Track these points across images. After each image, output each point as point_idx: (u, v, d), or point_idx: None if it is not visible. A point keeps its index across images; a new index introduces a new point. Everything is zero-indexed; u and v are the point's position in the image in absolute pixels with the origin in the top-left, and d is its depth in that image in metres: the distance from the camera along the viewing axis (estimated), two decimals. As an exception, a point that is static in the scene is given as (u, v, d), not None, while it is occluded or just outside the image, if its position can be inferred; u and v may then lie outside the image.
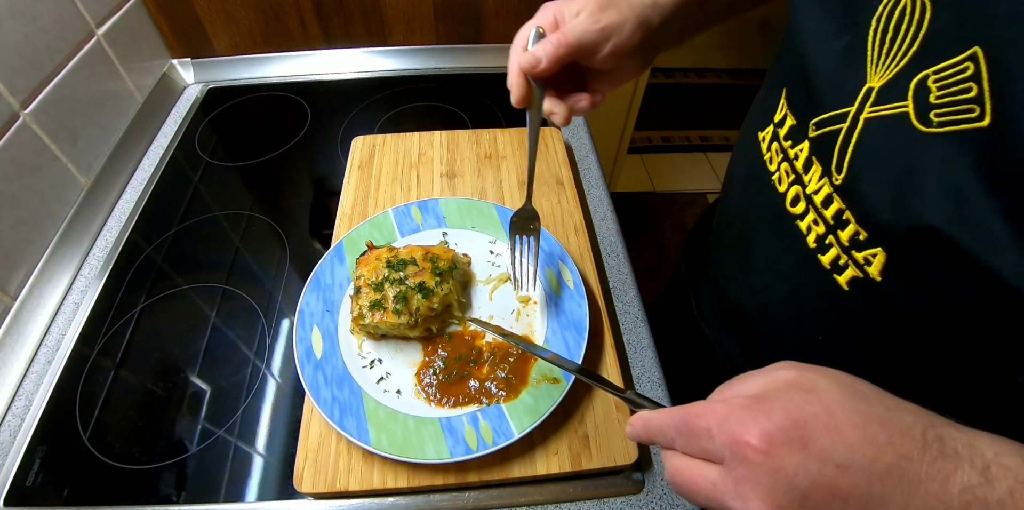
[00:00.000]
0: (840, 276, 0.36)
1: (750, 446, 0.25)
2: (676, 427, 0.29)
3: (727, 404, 0.27)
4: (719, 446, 0.26)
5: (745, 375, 0.31)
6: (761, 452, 0.25)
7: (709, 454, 0.27)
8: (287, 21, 0.89)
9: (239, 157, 0.80)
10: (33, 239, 0.63)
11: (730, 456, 0.26)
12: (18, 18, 0.61)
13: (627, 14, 0.45)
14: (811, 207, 0.37)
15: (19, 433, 0.53)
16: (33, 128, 0.62)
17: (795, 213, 0.39)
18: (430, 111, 0.88)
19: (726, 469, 0.26)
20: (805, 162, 0.38)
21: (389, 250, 0.55)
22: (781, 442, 0.25)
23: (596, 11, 0.45)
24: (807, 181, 0.37)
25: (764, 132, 0.43)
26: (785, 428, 0.25)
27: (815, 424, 0.25)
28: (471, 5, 0.89)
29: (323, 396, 0.48)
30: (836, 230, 0.35)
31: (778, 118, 0.41)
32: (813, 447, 0.24)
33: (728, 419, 0.27)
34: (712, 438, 0.27)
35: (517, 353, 0.51)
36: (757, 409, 0.26)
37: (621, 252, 0.67)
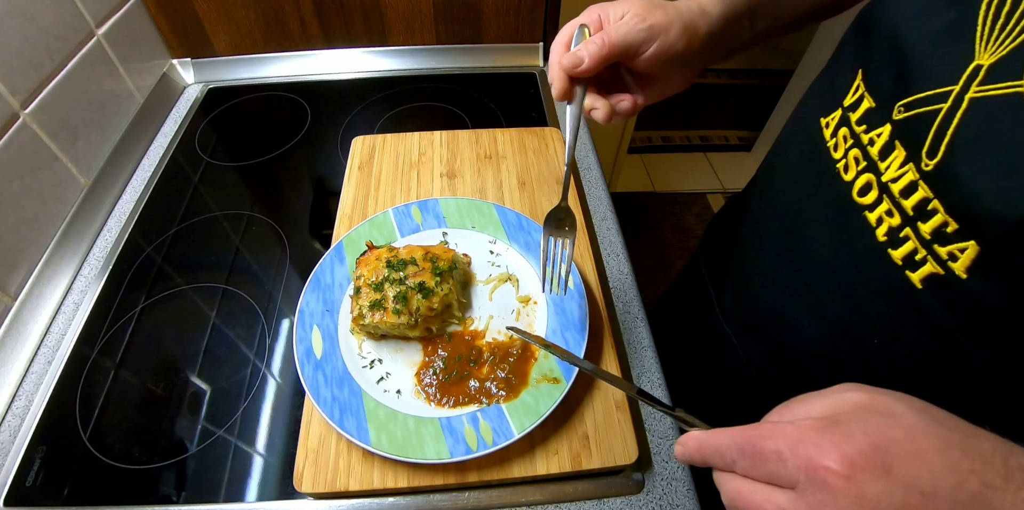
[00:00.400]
0: (914, 273, 0.34)
1: (830, 471, 0.24)
2: (739, 449, 0.28)
3: (798, 426, 0.26)
4: (791, 470, 0.25)
5: (805, 397, 0.29)
6: (842, 477, 0.23)
7: (777, 478, 0.26)
8: (287, 21, 0.89)
9: (239, 157, 0.80)
10: (33, 239, 0.63)
11: (805, 481, 0.24)
12: (18, 18, 0.61)
13: (673, 17, 0.44)
14: (886, 196, 0.35)
15: (19, 433, 0.53)
16: (33, 128, 0.62)
17: (863, 203, 0.37)
18: (430, 111, 0.88)
19: (799, 494, 0.25)
20: (884, 147, 0.35)
21: (389, 250, 0.55)
22: (863, 467, 0.23)
23: (642, 12, 0.44)
24: (884, 168, 0.35)
25: (828, 117, 0.41)
26: (866, 452, 0.24)
27: (897, 449, 0.24)
28: (471, 5, 0.89)
29: (323, 396, 0.48)
30: (916, 222, 0.33)
31: (849, 101, 0.39)
32: (897, 473, 0.23)
33: (802, 441, 0.25)
34: (783, 461, 0.25)
35: (517, 353, 0.51)
36: (835, 431, 0.25)
37: (621, 252, 0.67)
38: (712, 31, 0.46)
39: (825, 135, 0.41)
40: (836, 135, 0.40)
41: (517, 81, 0.92)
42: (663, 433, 0.53)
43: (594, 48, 0.42)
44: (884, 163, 0.35)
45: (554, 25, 0.93)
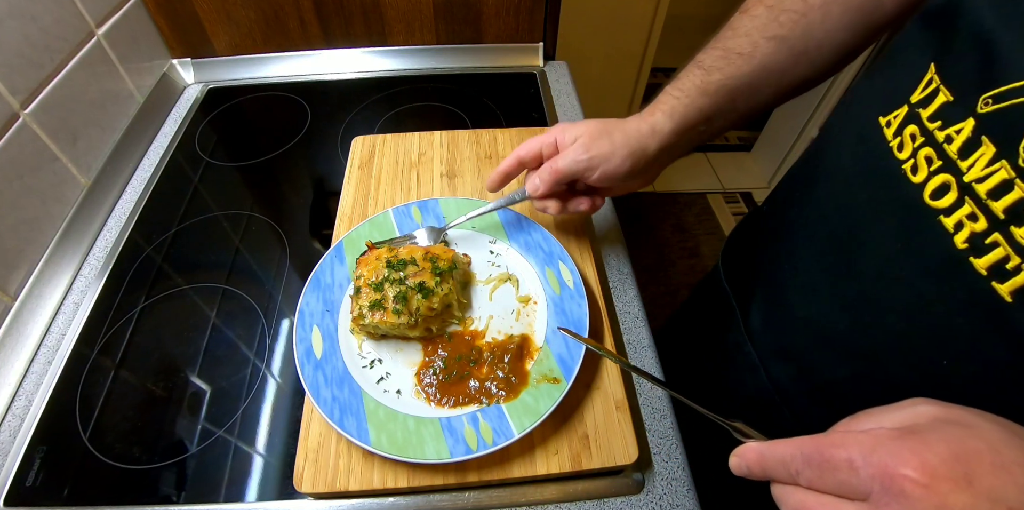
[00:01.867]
0: (1002, 284, 0.30)
1: (908, 479, 0.22)
2: (805, 458, 0.26)
3: (872, 434, 0.25)
4: (864, 479, 0.24)
5: (873, 410, 0.28)
6: (922, 486, 0.22)
7: (848, 489, 0.25)
8: (287, 21, 0.89)
9: (239, 157, 0.80)
10: (33, 239, 0.63)
11: (880, 490, 0.23)
12: (18, 18, 0.61)
13: (619, 145, 0.50)
14: (968, 198, 0.32)
15: (19, 433, 0.53)
16: (33, 128, 0.62)
17: (938, 207, 0.33)
18: (430, 111, 0.88)
19: (872, 506, 0.24)
20: (965, 144, 0.32)
21: (389, 250, 0.55)
22: (944, 476, 0.22)
23: (587, 141, 0.50)
24: (966, 167, 0.32)
25: (890, 116, 0.38)
26: (948, 461, 0.23)
27: (980, 460, 0.23)
28: (471, 5, 0.89)
29: (323, 396, 0.48)
30: (1008, 226, 0.30)
31: (919, 97, 0.36)
32: (980, 485, 0.22)
33: (877, 449, 0.24)
34: (855, 471, 0.24)
35: (513, 351, 0.51)
36: (912, 439, 0.24)
37: (621, 252, 0.67)
38: (664, 145, 0.50)
39: (886, 134, 0.38)
40: (901, 134, 0.36)
41: (517, 81, 0.92)
42: (663, 433, 0.53)
43: (545, 176, 0.52)
44: (966, 162, 0.32)
45: (554, 25, 0.94)
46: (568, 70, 0.95)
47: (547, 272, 0.57)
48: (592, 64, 1.47)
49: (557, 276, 0.56)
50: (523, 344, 0.52)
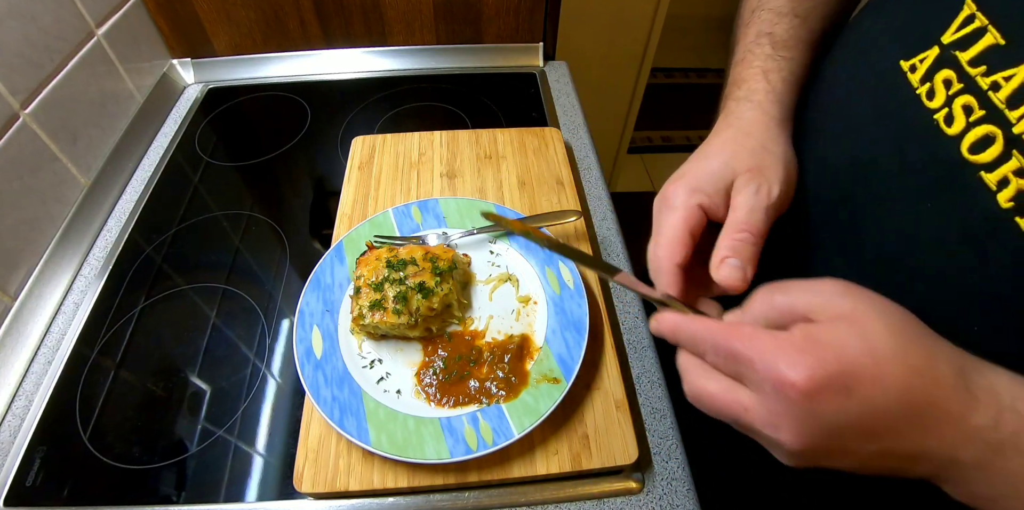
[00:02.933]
0: None
1: (796, 388, 0.26)
2: (715, 346, 0.29)
3: (777, 340, 0.27)
4: (760, 378, 0.27)
5: (791, 286, 0.30)
6: (805, 395, 0.26)
7: (742, 378, 0.28)
8: (287, 21, 0.89)
9: (239, 157, 0.80)
10: (33, 239, 0.63)
11: (771, 390, 0.26)
12: (18, 18, 0.61)
13: (784, 151, 0.39)
14: (1016, 152, 0.29)
15: (19, 433, 0.53)
16: (33, 128, 0.62)
17: (978, 162, 0.30)
18: (430, 111, 0.88)
19: (762, 399, 0.27)
20: (1018, 92, 0.29)
21: (389, 250, 0.55)
22: (828, 387, 0.25)
23: (757, 175, 0.37)
24: (1016, 118, 0.29)
25: (915, 59, 0.34)
26: (833, 376, 0.26)
27: (862, 373, 0.26)
28: (471, 5, 0.89)
29: (323, 396, 0.48)
30: None
31: (954, 37, 0.32)
32: (856, 395, 0.26)
33: (778, 356, 0.27)
34: (755, 370, 0.27)
35: (513, 350, 0.51)
36: (810, 353, 0.26)
37: (621, 252, 0.67)
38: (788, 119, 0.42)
39: (911, 80, 0.34)
40: (931, 80, 0.33)
41: (517, 81, 0.92)
42: (663, 433, 0.53)
43: (750, 251, 0.35)
44: (1017, 111, 0.29)
45: (554, 25, 0.94)
46: (568, 70, 0.95)
47: (547, 272, 0.57)
48: (592, 64, 1.47)
49: (557, 276, 0.56)
50: (523, 344, 0.52)
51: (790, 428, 0.27)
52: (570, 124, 0.84)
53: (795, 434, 0.27)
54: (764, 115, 0.41)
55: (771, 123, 0.40)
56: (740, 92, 0.43)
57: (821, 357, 0.26)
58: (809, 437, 0.26)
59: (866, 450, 0.27)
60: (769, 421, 0.27)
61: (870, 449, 0.27)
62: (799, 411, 0.26)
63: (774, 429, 0.27)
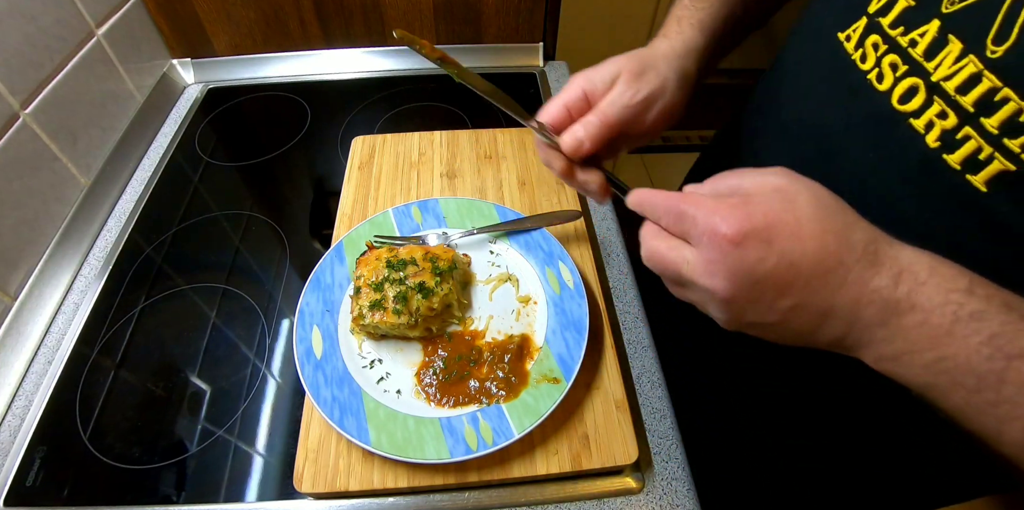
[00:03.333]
0: (976, 175, 0.32)
1: (726, 237, 0.30)
2: (667, 208, 0.33)
3: (716, 201, 0.32)
4: (699, 232, 0.31)
5: (742, 171, 0.34)
6: (733, 244, 0.30)
7: (687, 236, 0.32)
8: (287, 21, 0.89)
9: (239, 157, 0.80)
10: (33, 239, 0.63)
11: (707, 242, 0.31)
12: (18, 18, 0.61)
13: (666, 74, 0.44)
14: (937, 97, 0.33)
15: (19, 433, 0.53)
16: (33, 128, 0.62)
17: (907, 110, 0.35)
18: (430, 111, 0.88)
19: (700, 251, 0.31)
20: (931, 45, 0.34)
21: (389, 250, 0.55)
22: (752, 238, 0.29)
23: (632, 79, 0.43)
24: (932, 67, 0.33)
25: (849, 30, 0.39)
26: (759, 228, 0.30)
27: (783, 229, 0.30)
28: (471, 5, 0.89)
29: (323, 396, 0.48)
30: (979, 117, 0.32)
31: (876, 7, 0.37)
32: (775, 246, 0.29)
33: (714, 213, 0.31)
34: (696, 225, 0.31)
35: (513, 350, 0.51)
36: (741, 209, 0.30)
37: (621, 252, 0.67)
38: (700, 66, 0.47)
39: (847, 49, 0.39)
40: (863, 46, 0.38)
41: (517, 81, 0.92)
42: (663, 433, 0.53)
43: (593, 128, 0.42)
44: (932, 62, 0.34)
45: (554, 25, 0.93)
46: (568, 70, 0.95)
47: (547, 272, 0.57)
48: (592, 64, 1.47)
49: (557, 276, 0.56)
50: (523, 344, 0.52)
51: (721, 274, 0.30)
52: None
53: (724, 279, 0.30)
54: (668, 47, 0.47)
55: (669, 52, 0.46)
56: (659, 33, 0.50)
57: (750, 213, 0.30)
58: (736, 283, 0.30)
59: (783, 304, 0.30)
60: (705, 269, 0.31)
61: (786, 303, 0.30)
62: (729, 258, 0.30)
63: (709, 276, 0.31)
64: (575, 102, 0.43)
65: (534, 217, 0.61)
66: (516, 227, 0.60)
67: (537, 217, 0.61)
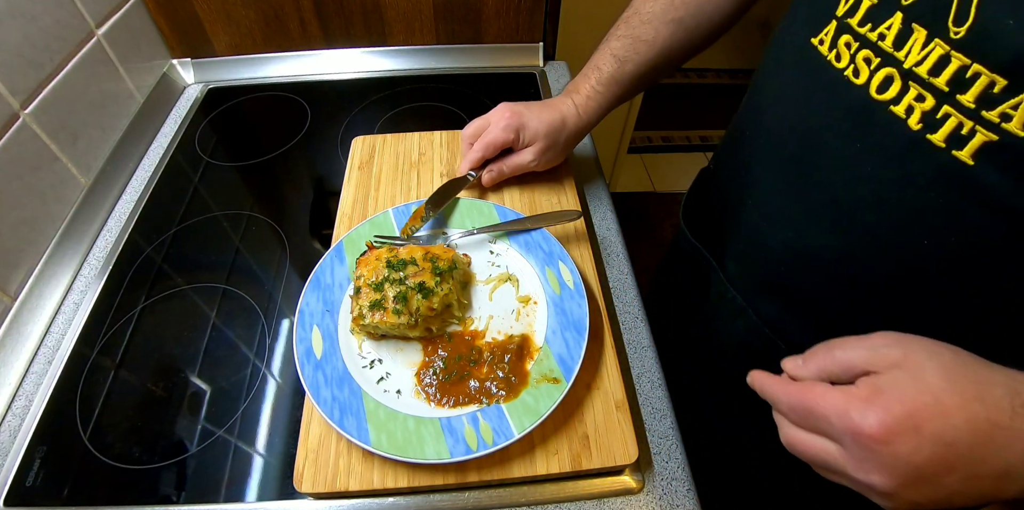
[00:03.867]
0: (961, 150, 0.34)
1: (872, 437, 0.29)
2: (791, 406, 0.33)
3: (846, 394, 0.31)
4: (838, 432, 0.31)
5: (844, 343, 0.34)
6: (882, 442, 0.29)
7: (824, 433, 0.32)
8: (287, 21, 0.89)
9: (239, 157, 0.80)
10: (33, 239, 0.63)
11: (851, 442, 0.30)
12: (18, 18, 0.61)
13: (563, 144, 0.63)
14: (912, 82, 0.35)
15: (19, 433, 0.53)
16: (33, 128, 0.62)
17: (886, 99, 0.37)
18: (430, 111, 0.88)
19: (847, 449, 0.31)
20: (898, 36, 0.36)
21: (389, 250, 0.55)
22: (899, 432, 0.29)
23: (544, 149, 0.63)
24: (903, 55, 0.36)
25: (821, 34, 0.41)
26: (901, 419, 0.29)
27: (926, 412, 0.29)
28: (471, 5, 0.89)
29: (323, 396, 0.48)
30: (955, 95, 0.33)
31: (843, 10, 0.40)
32: (925, 432, 0.29)
33: (849, 411, 0.30)
34: (831, 425, 0.31)
35: (513, 350, 0.51)
36: (876, 403, 0.30)
37: (621, 252, 0.67)
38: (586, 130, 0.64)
39: (822, 51, 0.41)
40: (836, 46, 0.40)
41: (517, 81, 0.92)
42: (663, 433, 0.53)
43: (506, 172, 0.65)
44: (902, 51, 0.36)
45: (554, 25, 0.94)
46: (568, 70, 0.95)
47: (547, 272, 0.57)
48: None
49: (557, 276, 0.56)
50: (523, 344, 0.52)
51: (878, 471, 0.30)
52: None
53: (884, 476, 0.29)
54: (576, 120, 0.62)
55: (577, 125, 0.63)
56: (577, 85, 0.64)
57: (886, 405, 0.29)
58: (897, 477, 0.29)
59: (951, 481, 0.29)
60: (859, 467, 0.30)
61: (954, 479, 0.29)
62: (880, 455, 0.29)
63: (865, 474, 0.30)
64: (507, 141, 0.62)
65: (534, 217, 0.61)
66: (516, 227, 0.60)
67: (537, 217, 0.61)
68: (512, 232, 0.61)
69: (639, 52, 0.59)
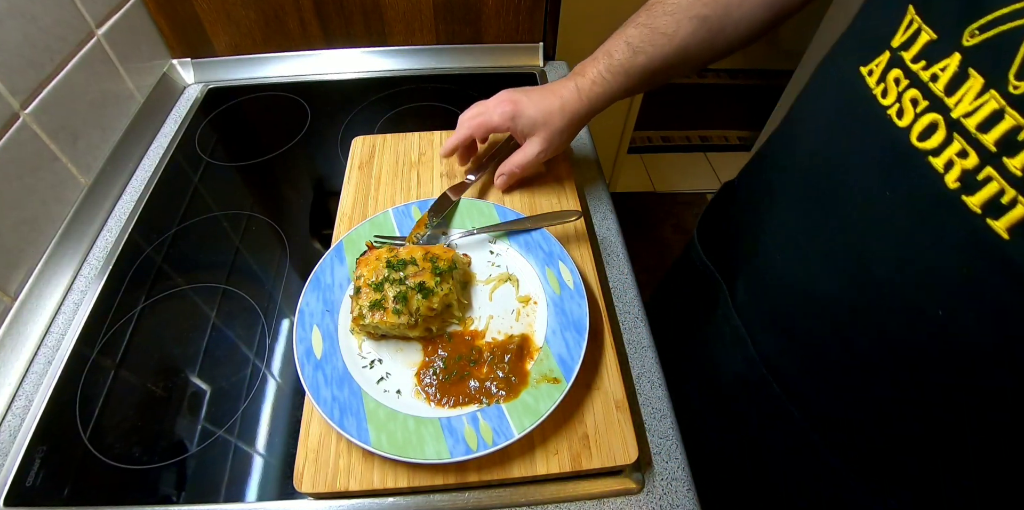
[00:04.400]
0: (997, 220, 0.30)
1: None
2: None
3: None
4: None
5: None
6: None
7: None
8: (287, 21, 0.89)
9: (239, 157, 0.80)
10: (33, 239, 0.63)
11: None
12: (18, 18, 0.61)
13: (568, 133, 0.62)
14: (957, 135, 0.32)
15: (19, 433, 0.53)
16: (33, 128, 0.62)
17: (926, 148, 0.33)
18: (430, 111, 0.88)
19: None
20: (952, 80, 0.32)
21: (389, 250, 0.55)
22: None
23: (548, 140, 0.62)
24: (953, 103, 0.32)
25: (872, 64, 0.38)
26: None
27: None
28: (471, 5, 0.89)
29: (323, 396, 0.48)
30: (1000, 157, 0.30)
31: (900, 41, 0.36)
32: None
33: None
34: None
35: (513, 350, 0.51)
36: None
37: (621, 252, 0.67)
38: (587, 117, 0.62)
39: (869, 83, 0.38)
40: (885, 80, 0.36)
41: (517, 81, 0.92)
42: (663, 433, 0.53)
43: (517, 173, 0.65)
44: (953, 98, 0.32)
45: (554, 25, 0.93)
46: (568, 70, 0.95)
47: (547, 272, 0.57)
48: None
49: (557, 276, 0.56)
50: (523, 344, 0.52)
51: None
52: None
53: None
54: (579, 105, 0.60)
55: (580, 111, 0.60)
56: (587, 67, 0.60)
57: None
58: None
59: None
60: None
61: None
62: None
63: None
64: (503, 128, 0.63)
65: (534, 217, 0.61)
66: (516, 227, 0.60)
67: (537, 217, 0.61)
68: (512, 232, 0.61)
69: (655, 44, 0.55)
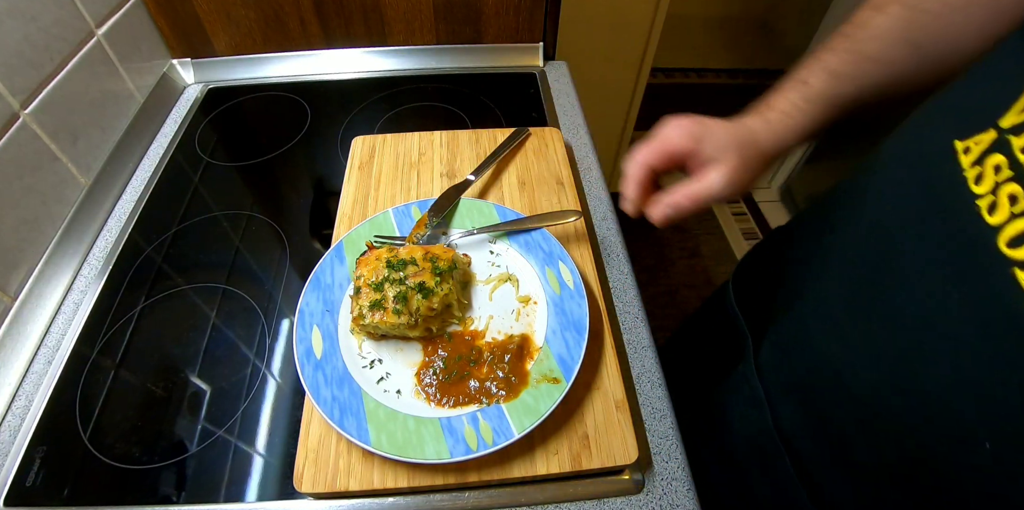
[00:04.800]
0: None
1: None
2: None
3: None
4: None
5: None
6: None
7: None
8: (287, 21, 0.89)
9: (239, 157, 0.80)
10: (33, 239, 0.63)
11: None
12: (18, 18, 0.61)
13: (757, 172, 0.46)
14: None
15: (19, 433, 0.53)
16: (33, 128, 0.62)
17: (1014, 258, 0.28)
18: (430, 111, 0.88)
19: None
20: None
21: (389, 250, 0.55)
22: None
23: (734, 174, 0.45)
24: None
25: (970, 140, 0.32)
26: None
27: None
28: (471, 5, 0.89)
29: (323, 396, 0.48)
30: None
31: (1012, 122, 0.30)
32: None
33: None
34: None
35: (513, 350, 0.51)
36: None
37: (621, 252, 0.67)
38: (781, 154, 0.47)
39: (962, 162, 0.32)
40: (982, 163, 0.31)
41: (517, 81, 0.92)
42: (663, 433, 0.53)
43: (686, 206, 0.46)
44: None
45: (554, 25, 0.93)
46: (568, 70, 0.95)
47: (547, 272, 0.57)
48: (592, 64, 1.47)
49: (557, 276, 0.56)
50: (523, 344, 0.52)
51: None
52: (570, 124, 0.84)
53: None
54: (775, 140, 0.46)
55: (775, 146, 0.46)
56: (781, 98, 0.47)
57: None
58: None
59: None
60: None
61: None
62: None
63: None
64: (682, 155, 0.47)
65: (534, 217, 0.61)
66: (516, 227, 0.60)
67: (537, 217, 0.61)
68: (512, 232, 0.61)
69: (864, 71, 0.44)
